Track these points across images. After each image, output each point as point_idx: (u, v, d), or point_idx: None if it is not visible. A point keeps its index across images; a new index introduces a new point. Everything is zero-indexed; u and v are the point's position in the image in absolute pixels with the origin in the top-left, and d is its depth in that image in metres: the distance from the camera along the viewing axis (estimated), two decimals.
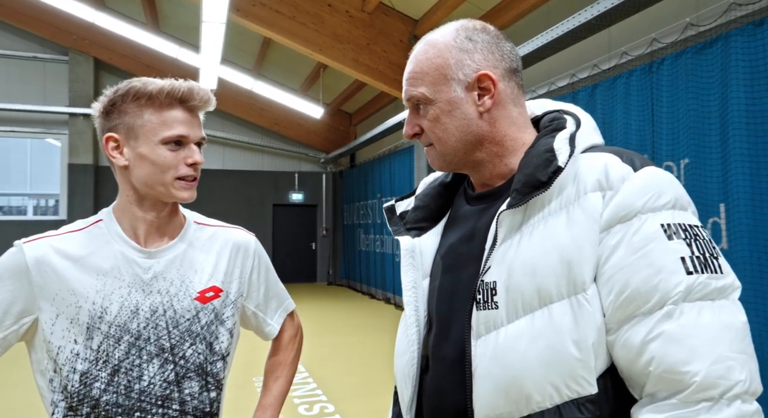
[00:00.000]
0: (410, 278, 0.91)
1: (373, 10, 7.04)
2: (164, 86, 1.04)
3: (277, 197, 12.12)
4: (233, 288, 1.17)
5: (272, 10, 6.74)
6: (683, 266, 0.68)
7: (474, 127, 0.82)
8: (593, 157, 0.77)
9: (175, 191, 1.05)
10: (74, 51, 10.35)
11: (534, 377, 0.71)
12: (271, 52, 9.32)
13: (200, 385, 1.09)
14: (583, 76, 4.71)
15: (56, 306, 1.01)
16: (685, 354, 0.65)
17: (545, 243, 0.74)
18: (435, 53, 0.82)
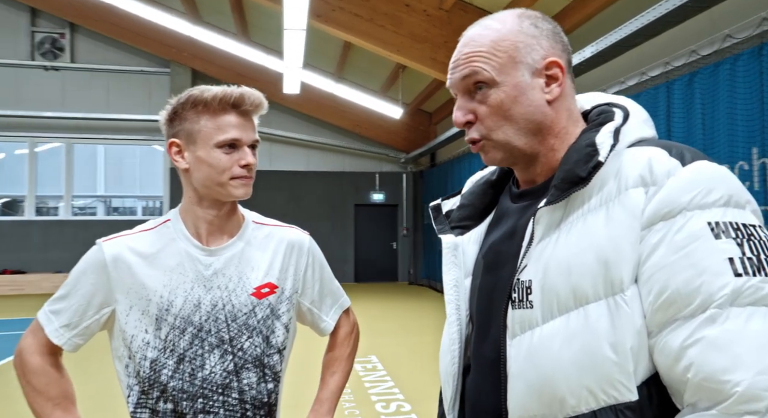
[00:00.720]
0: (452, 276, 0.90)
1: (451, 7, 6.96)
2: (217, 93, 1.09)
3: (358, 198, 12.37)
4: (288, 285, 1.21)
5: (351, 13, 6.89)
6: (731, 267, 0.62)
7: (539, 116, 0.78)
8: (638, 151, 0.72)
9: (232, 189, 1.10)
10: (174, 63, 11.24)
11: (568, 379, 0.68)
12: (352, 55, 9.53)
13: (258, 376, 1.14)
14: (679, 63, 4.33)
15: (130, 299, 1.10)
16: (726, 362, 0.59)
17: (582, 241, 0.70)
18: (500, 36, 0.78)
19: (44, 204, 11.78)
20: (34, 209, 11.49)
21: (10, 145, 11.60)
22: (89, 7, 10.20)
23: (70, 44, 11.26)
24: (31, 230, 11.12)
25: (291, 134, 11.78)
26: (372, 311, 8.57)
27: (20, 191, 11.90)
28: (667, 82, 4.40)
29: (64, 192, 11.55)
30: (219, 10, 9.51)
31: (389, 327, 7.28)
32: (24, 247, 11.06)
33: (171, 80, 11.35)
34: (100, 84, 11.45)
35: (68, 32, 11.22)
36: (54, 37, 11.20)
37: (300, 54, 7.20)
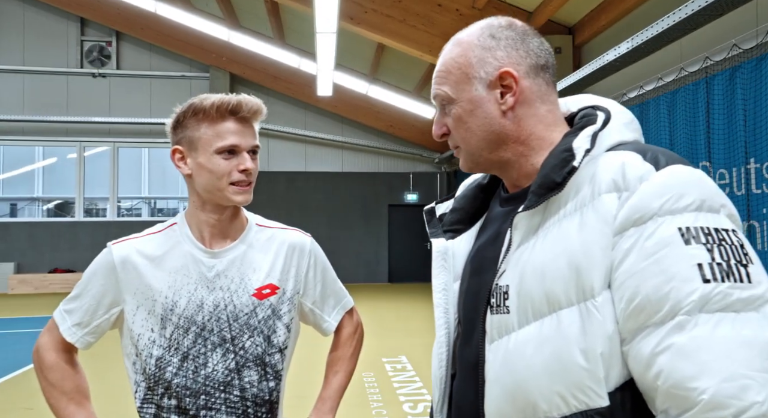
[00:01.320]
0: (441, 280, 0.91)
1: (484, 5, 6.89)
2: (215, 101, 1.11)
3: (392, 198, 12.40)
4: (290, 286, 1.24)
5: (383, 14, 6.92)
6: (700, 273, 0.61)
7: (496, 126, 0.80)
8: (613, 155, 0.72)
9: (231, 195, 1.13)
10: (214, 68, 11.56)
11: (539, 385, 0.68)
12: (386, 56, 9.56)
13: (259, 374, 1.17)
14: (719, 58, 4.15)
15: (137, 299, 1.15)
16: (693, 369, 0.58)
17: (556, 246, 0.70)
18: (458, 52, 0.82)
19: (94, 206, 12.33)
20: (82, 210, 12.05)
21: (62, 150, 12.21)
22: (134, 16, 10.63)
23: (116, 52, 11.76)
24: (79, 231, 11.66)
25: (325, 136, 11.93)
26: (404, 312, 8.57)
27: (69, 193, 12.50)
28: (707, 78, 4.23)
29: (110, 194, 12.07)
30: (256, 14, 9.73)
31: (420, 327, 7.26)
32: (74, 247, 11.61)
33: (210, 84, 11.68)
34: (143, 89, 11.91)
35: (114, 40, 11.72)
36: (101, 45, 11.73)
37: (332, 56, 7.28)
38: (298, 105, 11.91)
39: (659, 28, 4.32)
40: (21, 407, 4.08)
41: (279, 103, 11.95)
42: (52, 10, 11.51)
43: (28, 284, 11.13)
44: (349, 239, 11.99)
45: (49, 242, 11.54)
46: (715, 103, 4.15)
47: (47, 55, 11.59)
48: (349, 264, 12.03)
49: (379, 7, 6.89)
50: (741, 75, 3.89)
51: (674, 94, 4.66)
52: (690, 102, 4.44)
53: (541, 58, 0.81)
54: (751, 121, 3.82)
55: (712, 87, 4.17)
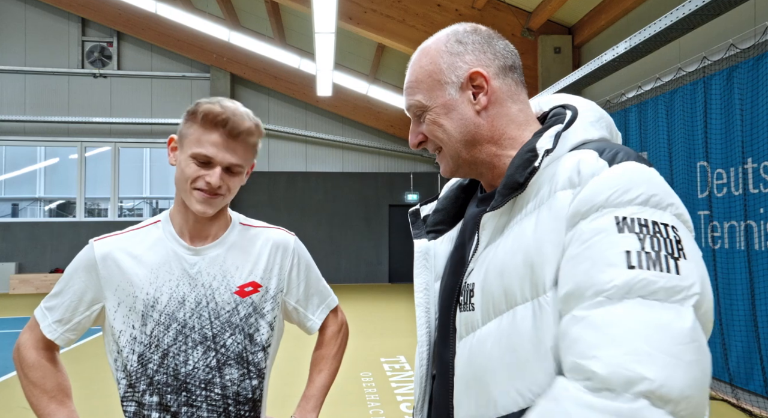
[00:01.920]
0: (422, 279, 0.92)
1: (484, 5, 6.89)
2: (206, 108, 1.10)
3: (392, 198, 12.40)
4: (273, 284, 1.24)
5: (382, 15, 6.93)
6: (626, 259, 0.62)
7: (472, 126, 0.82)
8: (573, 155, 0.74)
9: (193, 200, 1.11)
10: (214, 68, 11.59)
11: (497, 379, 0.70)
12: (386, 56, 9.57)
13: (240, 372, 1.17)
14: (717, 58, 4.15)
15: (117, 296, 1.14)
16: (599, 339, 0.59)
17: (514, 244, 0.72)
18: (427, 60, 0.83)
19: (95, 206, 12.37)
20: (83, 210, 12.09)
21: (64, 150, 12.24)
22: (135, 16, 10.66)
23: (116, 52, 11.80)
24: (81, 231, 11.70)
25: (326, 136, 11.95)
26: (403, 312, 8.57)
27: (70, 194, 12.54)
28: (705, 78, 4.22)
29: (111, 194, 12.10)
30: (256, 14, 9.75)
31: None
32: (75, 247, 11.65)
33: (211, 85, 11.71)
34: (144, 90, 11.94)
35: (115, 41, 11.76)
36: (102, 45, 11.77)
37: (331, 56, 7.29)
38: (299, 105, 11.93)
39: (657, 28, 4.32)
40: (21, 406, 4.10)
41: (279, 104, 11.97)
42: (54, 10, 11.55)
43: (29, 284, 11.17)
44: (349, 239, 12.00)
45: (50, 242, 11.58)
46: (712, 103, 4.15)
47: (48, 56, 11.63)
48: (350, 264, 12.05)
49: (378, 7, 6.90)
50: (738, 75, 3.89)
51: (672, 94, 4.66)
52: (688, 102, 4.43)
53: (508, 59, 0.83)
54: (748, 121, 3.82)
55: (710, 87, 4.17)
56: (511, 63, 0.84)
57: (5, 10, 11.54)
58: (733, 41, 4.03)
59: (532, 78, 7.14)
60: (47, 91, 11.64)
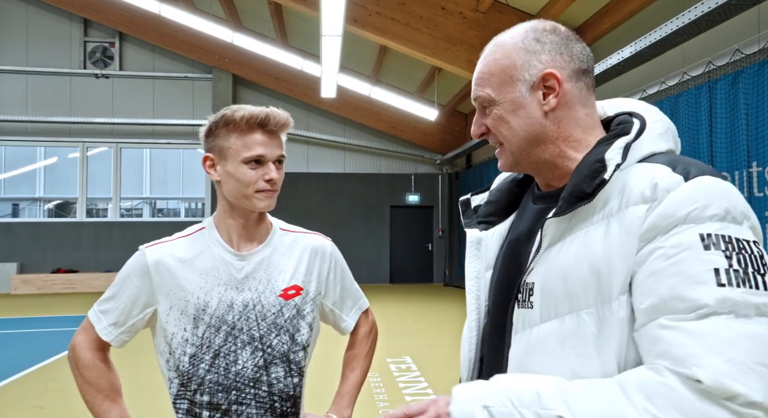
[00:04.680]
0: (474, 268, 0.96)
1: (488, 9, 6.95)
2: (245, 114, 1.17)
3: (394, 199, 12.45)
4: (312, 287, 1.30)
5: (387, 17, 6.98)
6: (716, 277, 0.64)
7: (537, 127, 0.83)
8: (644, 168, 0.75)
9: (256, 202, 1.19)
10: (216, 69, 11.61)
11: (559, 373, 0.74)
12: (388, 58, 9.62)
13: (285, 371, 1.23)
14: (722, 63, 4.21)
15: (170, 300, 1.20)
16: (696, 348, 0.62)
17: (580, 252, 0.75)
18: (502, 54, 0.84)
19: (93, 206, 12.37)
20: (84, 210, 12.09)
21: (63, 149, 12.23)
22: (137, 17, 10.68)
23: (119, 53, 11.81)
24: (82, 231, 11.70)
25: (328, 137, 11.99)
26: (406, 313, 8.62)
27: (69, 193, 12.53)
28: (710, 82, 4.28)
29: (112, 194, 12.11)
30: (259, 16, 9.78)
31: (424, 328, 7.31)
32: (76, 247, 11.65)
33: (213, 85, 11.73)
34: (146, 90, 11.96)
35: (117, 41, 11.77)
36: (104, 46, 11.78)
37: (336, 59, 7.33)
38: (301, 106, 11.96)
39: (663, 33, 4.38)
40: (31, 405, 4.13)
41: (281, 105, 11.67)
42: (56, 11, 11.56)
43: (30, 284, 11.17)
44: (350, 239, 12.04)
45: (51, 243, 11.58)
46: (717, 107, 4.21)
47: (50, 56, 11.64)
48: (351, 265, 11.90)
49: (383, 10, 6.95)
50: (744, 79, 3.95)
51: (677, 97, 4.72)
52: (693, 106, 4.49)
53: (584, 62, 0.83)
54: (753, 125, 3.88)
55: (715, 91, 4.23)
56: (585, 66, 0.84)
57: (7, 11, 11.54)
58: (738, 46, 4.09)
59: None
60: (49, 91, 11.64)
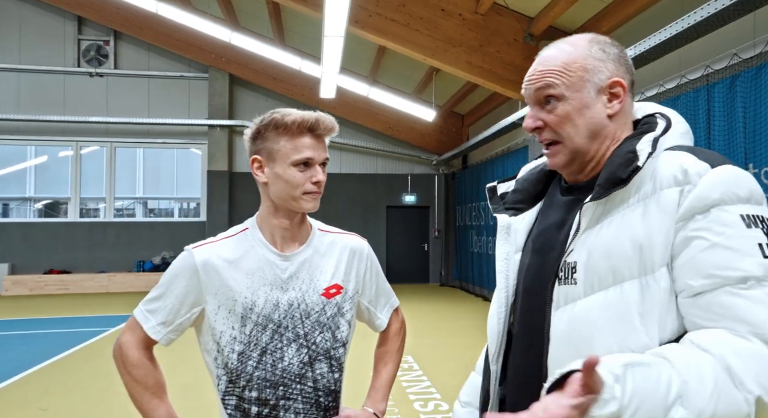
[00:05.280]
0: (504, 250, 1.05)
1: (487, 11, 7.01)
2: (296, 118, 1.21)
3: (390, 199, 12.49)
4: (351, 286, 1.35)
5: (387, 19, 7.01)
6: (761, 250, 0.76)
7: (599, 127, 0.91)
8: (670, 155, 0.85)
9: (303, 203, 1.24)
10: (213, 68, 11.58)
11: (603, 339, 0.82)
12: (386, 58, 9.65)
13: (327, 366, 1.27)
14: (720, 67, 4.30)
15: (218, 299, 1.23)
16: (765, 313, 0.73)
17: (621, 231, 0.84)
18: (571, 58, 0.91)
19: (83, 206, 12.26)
20: (78, 210, 12.00)
21: (53, 148, 12.12)
22: (133, 15, 10.62)
23: (113, 51, 11.73)
24: (75, 231, 11.61)
25: None
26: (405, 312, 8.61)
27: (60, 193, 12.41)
28: (708, 86, 4.37)
29: (105, 194, 12.02)
30: (257, 15, 9.77)
31: (423, 328, 7.36)
32: (69, 247, 11.56)
33: (209, 85, 11.70)
34: (141, 89, 11.89)
35: (112, 40, 11.69)
36: (99, 44, 11.69)
37: (337, 60, 7.36)
38: (298, 106, 11.69)
39: (661, 37, 4.46)
40: (34, 406, 4.11)
41: (278, 105, 11.97)
42: (50, 8, 11.46)
43: (23, 286, 11.06)
44: None
45: (44, 243, 11.47)
46: (715, 110, 4.29)
47: (44, 54, 11.54)
48: None
49: (383, 11, 6.98)
50: (741, 83, 4.04)
51: (675, 100, 4.80)
52: (690, 109, 4.58)
53: (633, 75, 0.94)
54: (750, 127, 3.96)
55: (713, 94, 4.31)
56: (634, 79, 0.94)
57: (1, 9, 11.42)
58: (735, 51, 4.18)
59: None
60: (42, 89, 11.54)
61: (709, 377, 0.71)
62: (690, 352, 0.75)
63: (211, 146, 11.67)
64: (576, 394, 0.69)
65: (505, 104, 9.16)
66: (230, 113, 11.79)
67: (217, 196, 11.65)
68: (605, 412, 0.68)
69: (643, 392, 0.70)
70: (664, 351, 0.76)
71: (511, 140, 8.92)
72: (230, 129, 11.72)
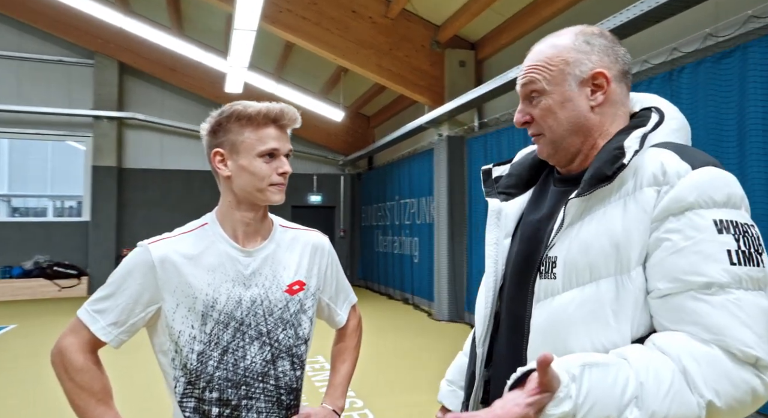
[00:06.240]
0: (493, 235, 1.05)
1: (397, 16, 7.18)
2: (261, 109, 1.20)
3: (295, 199, 12.29)
4: (313, 282, 1.35)
5: (298, 16, 6.91)
6: (728, 257, 0.77)
7: (583, 119, 0.91)
8: (655, 153, 0.85)
9: (270, 195, 1.22)
10: (100, 55, 10.59)
11: (577, 335, 0.83)
12: (293, 56, 9.50)
13: (290, 364, 1.26)
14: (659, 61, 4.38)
15: (176, 297, 1.18)
16: (725, 320, 0.75)
17: (600, 228, 0.85)
18: (555, 52, 0.92)
19: None
20: None
21: None
22: None
23: None
24: None
25: None
26: None
27: None
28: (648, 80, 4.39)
29: None
30: (152, 1, 9.12)
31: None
32: None
33: (95, 72, 10.69)
34: (10, 73, 10.54)
35: None
36: None
37: (247, 55, 7.11)
38: (198, 101, 11.33)
39: None
40: None
41: (176, 98, 11.29)
42: None
43: None
44: None
45: None
46: None
47: None
48: None
49: (294, 8, 6.88)
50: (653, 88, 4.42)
51: None
52: None
53: (626, 64, 0.93)
54: None
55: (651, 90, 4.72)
56: (627, 69, 0.93)
57: None
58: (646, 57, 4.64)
59: (439, 89, 7.59)
60: None
61: (666, 379, 0.73)
62: (649, 353, 0.76)
63: (98, 140, 10.66)
64: (533, 392, 0.70)
65: (411, 107, 9.44)
66: (120, 104, 10.86)
67: (103, 194, 10.67)
68: (559, 410, 0.70)
69: (597, 391, 0.72)
70: (625, 351, 0.77)
71: (417, 142, 9.21)
72: (120, 121, 10.79)
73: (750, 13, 3.54)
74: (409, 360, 5.51)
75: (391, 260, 10.13)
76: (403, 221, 9.53)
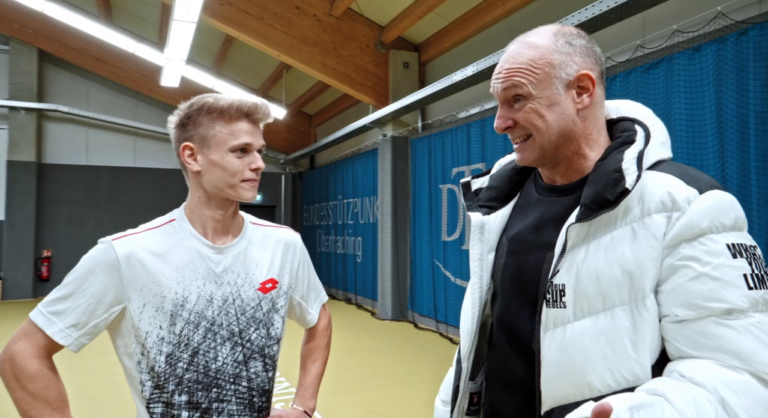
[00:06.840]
0: (477, 250, 1.03)
1: (341, 15, 7.15)
2: (233, 102, 1.15)
3: None
4: (285, 281, 1.31)
5: (239, 10, 6.71)
6: (745, 281, 0.77)
7: (570, 123, 0.89)
8: (657, 177, 0.84)
9: (242, 191, 1.18)
10: (16, 40, 9.79)
11: (595, 367, 0.82)
12: (232, 51, 9.22)
13: (262, 365, 1.22)
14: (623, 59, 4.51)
15: (143, 296, 1.11)
16: (752, 345, 0.74)
17: (609, 255, 0.83)
18: (537, 54, 0.88)
19: None
20: None
21: None
22: None
23: None
24: None
25: (161, 129, 10.91)
26: None
27: None
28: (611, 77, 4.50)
29: None
30: None
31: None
32: None
33: (10, 60, 9.85)
34: None
35: None
36: None
37: (186, 47, 6.81)
38: (128, 94, 10.72)
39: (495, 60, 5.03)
40: None
41: (103, 90, 10.62)
42: None
43: None
44: None
45: None
46: None
47: None
48: None
49: (235, 1, 6.67)
50: None
51: None
52: None
53: (603, 65, 0.91)
54: None
55: None
56: (604, 69, 0.91)
57: None
58: None
59: (383, 89, 7.63)
60: None
61: (709, 413, 0.71)
62: (685, 388, 0.73)
63: (14, 133, 9.83)
64: None
65: (354, 107, 9.43)
66: (40, 95, 10.08)
67: (20, 190, 9.86)
68: None
69: None
70: (659, 388, 0.74)
71: (360, 142, 9.20)
72: (39, 113, 10.02)
73: (675, 27, 3.82)
74: (355, 360, 5.50)
75: (333, 259, 10.06)
76: (346, 220, 9.50)
